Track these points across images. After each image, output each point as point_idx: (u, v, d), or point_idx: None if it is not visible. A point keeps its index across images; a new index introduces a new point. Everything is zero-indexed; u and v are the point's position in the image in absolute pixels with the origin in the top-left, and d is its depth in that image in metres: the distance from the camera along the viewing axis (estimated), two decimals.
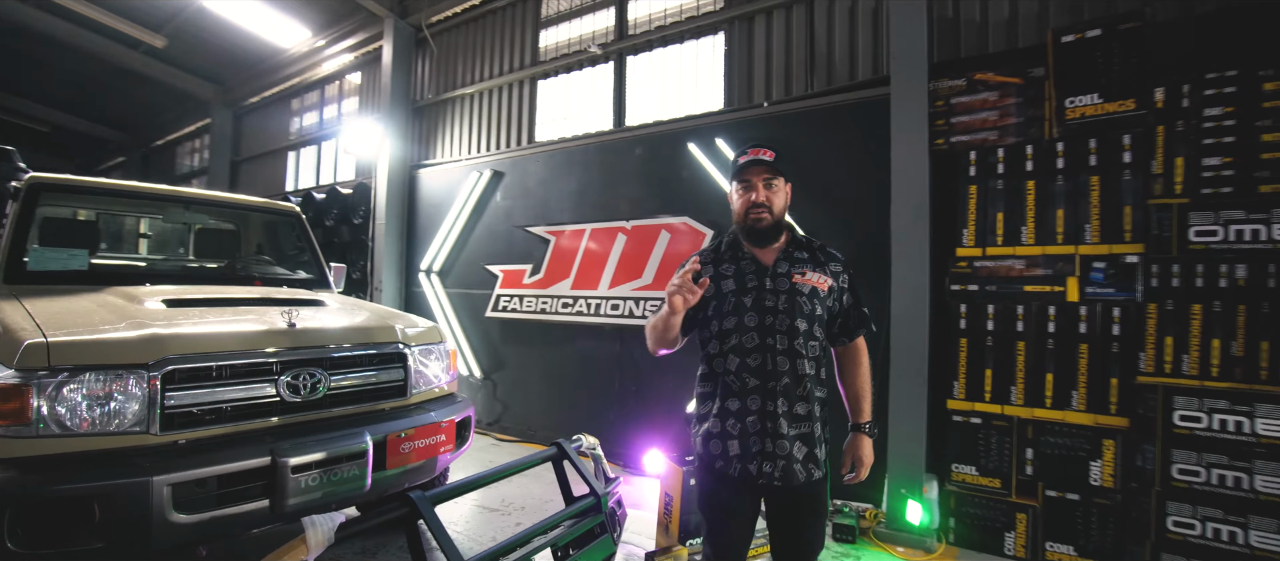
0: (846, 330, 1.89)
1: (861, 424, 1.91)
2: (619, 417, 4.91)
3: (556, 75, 5.81)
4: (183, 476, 2.03)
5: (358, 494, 2.48)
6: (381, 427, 2.60)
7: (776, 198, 1.82)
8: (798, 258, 1.85)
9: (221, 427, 2.28)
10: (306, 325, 2.67)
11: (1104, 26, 3.05)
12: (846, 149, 4.02)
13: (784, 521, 1.84)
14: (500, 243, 5.87)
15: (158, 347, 2.18)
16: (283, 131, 9.27)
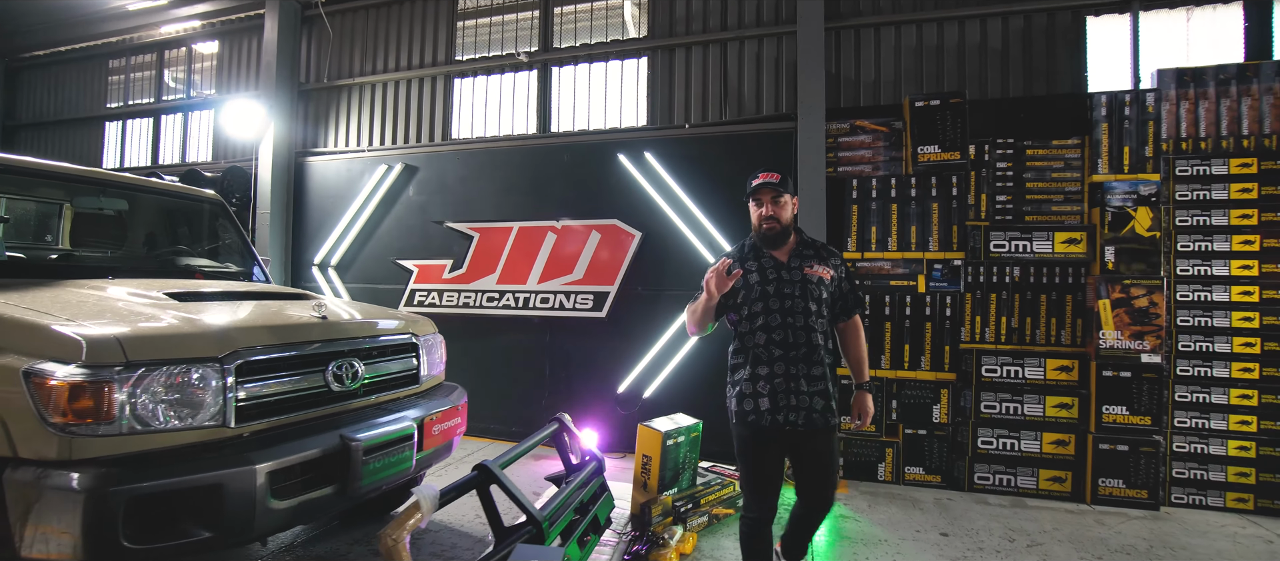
0: (846, 310, 2.45)
1: (863, 383, 2.46)
2: (551, 403, 5.31)
3: (475, 76, 5.95)
4: (277, 464, 2.13)
5: (406, 474, 2.69)
6: (416, 413, 2.81)
7: (783, 210, 2.34)
8: (806, 254, 2.37)
9: (284, 417, 2.36)
10: (334, 317, 2.76)
11: (940, 99, 4.29)
12: (753, 170, 4.91)
13: (809, 459, 2.32)
14: (414, 237, 5.84)
15: (227, 341, 2.21)
16: (94, 98, 7.79)
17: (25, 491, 1.82)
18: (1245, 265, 3.93)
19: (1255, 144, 3.97)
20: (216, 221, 3.99)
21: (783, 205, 2.34)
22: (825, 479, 2.33)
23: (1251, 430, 3.88)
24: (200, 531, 1.96)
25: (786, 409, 2.23)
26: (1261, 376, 3.89)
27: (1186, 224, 4.01)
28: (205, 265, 3.73)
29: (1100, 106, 4.13)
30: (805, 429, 2.23)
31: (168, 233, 3.88)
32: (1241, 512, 3.87)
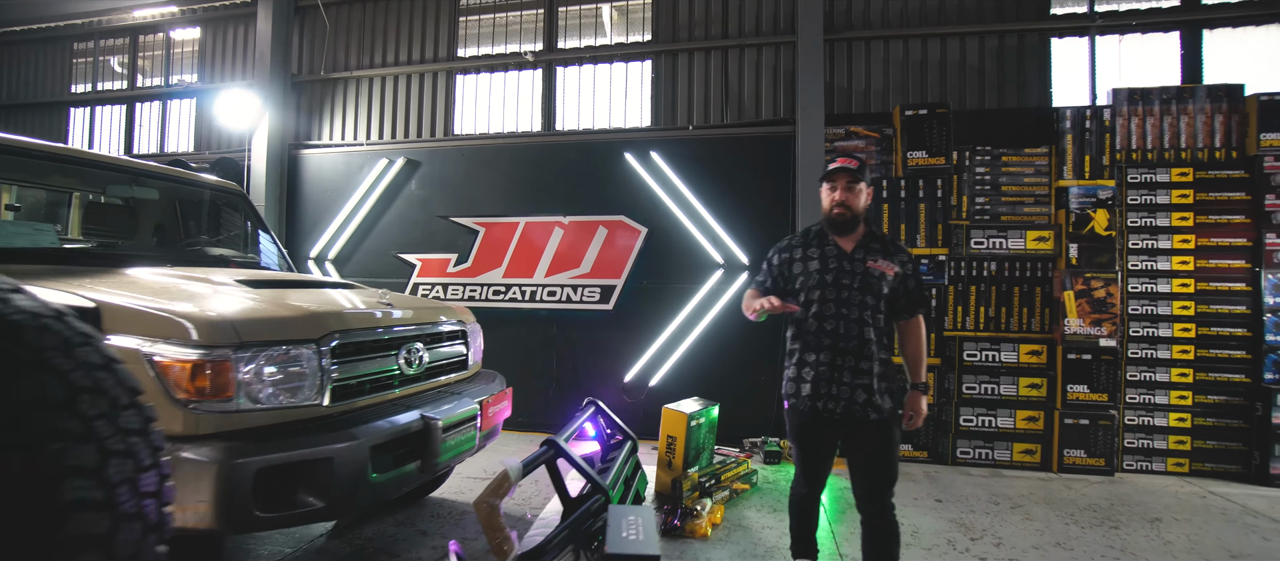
0: (908, 308, 2.33)
1: (918, 383, 2.35)
2: (557, 393, 5.49)
3: (478, 73, 6.05)
4: (378, 439, 2.28)
5: (471, 451, 2.86)
6: (477, 395, 2.97)
7: (856, 198, 2.26)
8: (872, 247, 2.29)
9: (368, 398, 2.49)
10: (399, 306, 2.89)
11: (928, 108, 4.72)
12: (754, 171, 5.25)
13: (857, 453, 2.30)
14: (417, 232, 5.90)
15: (322, 324, 2.34)
16: (57, 82, 7.42)
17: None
18: (1183, 261, 4.51)
19: (1192, 156, 4.56)
20: (238, 213, 4.00)
21: (857, 193, 2.26)
22: (873, 475, 2.27)
23: (1188, 404, 4.47)
24: (314, 501, 2.10)
25: (826, 397, 2.23)
26: (1196, 357, 4.48)
27: (1136, 224, 4.57)
28: (232, 255, 3.75)
29: (1065, 119, 4.65)
30: (843, 419, 2.22)
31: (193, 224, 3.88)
32: (1180, 475, 4.45)
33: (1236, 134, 4.53)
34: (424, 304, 3.19)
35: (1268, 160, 4.38)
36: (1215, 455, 4.43)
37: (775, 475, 4.36)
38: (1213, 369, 4.46)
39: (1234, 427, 4.42)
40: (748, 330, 5.14)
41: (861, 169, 2.28)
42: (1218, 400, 4.44)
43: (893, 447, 2.26)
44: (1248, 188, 4.46)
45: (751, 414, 4.97)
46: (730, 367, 5.11)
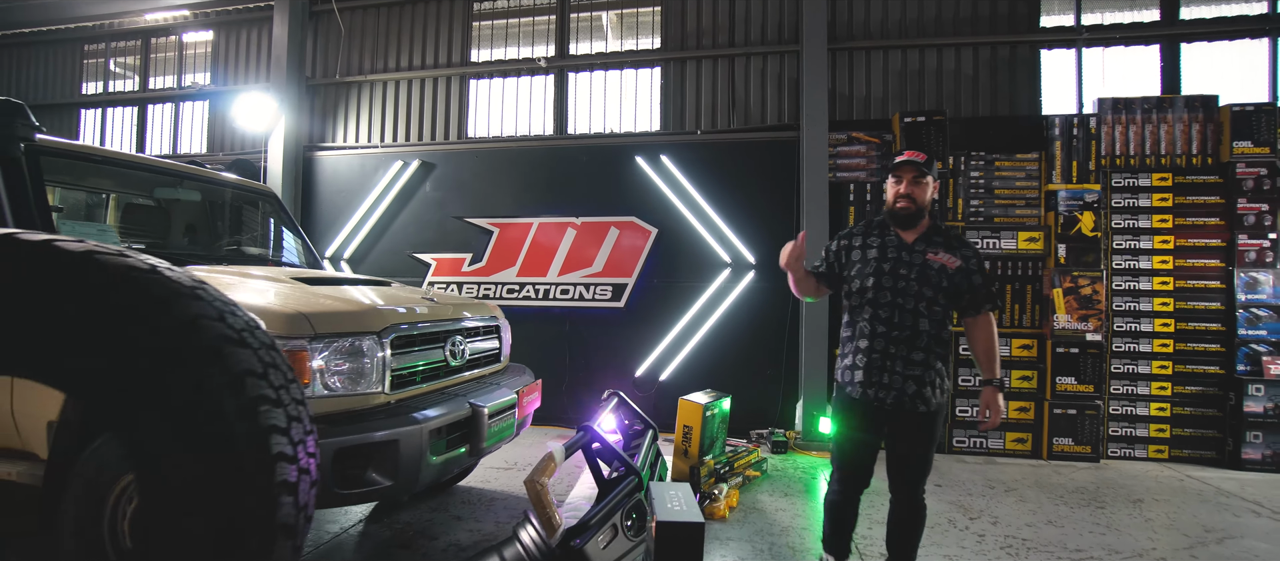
0: (973, 305, 2.29)
1: (990, 379, 2.30)
2: (569, 388, 5.69)
3: (491, 78, 6.23)
4: (436, 424, 2.47)
5: (510, 438, 3.06)
6: (514, 385, 3.18)
7: (922, 191, 2.24)
8: (934, 240, 2.27)
9: (421, 387, 2.69)
10: (442, 301, 3.09)
11: (925, 116, 4.98)
12: (760, 174, 5.48)
13: (896, 444, 2.32)
14: (431, 232, 6.08)
15: (381, 318, 2.53)
16: (67, 83, 7.49)
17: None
18: (1163, 261, 4.81)
19: (1171, 162, 4.86)
20: (269, 214, 4.17)
21: (923, 186, 2.25)
22: (911, 467, 2.30)
23: (1167, 394, 4.77)
24: (382, 480, 2.29)
25: (877, 385, 2.24)
26: (1175, 351, 4.78)
27: (1120, 226, 4.86)
28: (266, 254, 3.92)
29: (1054, 126, 4.93)
30: (893, 408, 2.23)
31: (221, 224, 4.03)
32: (1160, 461, 4.75)
33: (1212, 142, 4.84)
34: (463, 301, 3.38)
35: (1240, 166, 4.69)
36: (1193, 442, 4.74)
37: (783, 464, 4.59)
38: (1190, 361, 4.76)
39: (1210, 416, 4.72)
40: (754, 327, 5.39)
41: (929, 162, 2.26)
42: (1195, 390, 4.75)
43: (934, 442, 2.29)
44: (1222, 192, 4.77)
45: (758, 407, 5.21)
46: (737, 363, 5.35)
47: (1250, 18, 5.07)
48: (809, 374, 5.01)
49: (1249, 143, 4.70)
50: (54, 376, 1.00)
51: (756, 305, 5.37)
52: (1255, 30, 5.06)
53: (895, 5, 5.38)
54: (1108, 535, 3.29)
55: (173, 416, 1.00)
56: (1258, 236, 4.65)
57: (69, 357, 0.95)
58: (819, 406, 4.95)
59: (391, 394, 2.52)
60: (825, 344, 5.00)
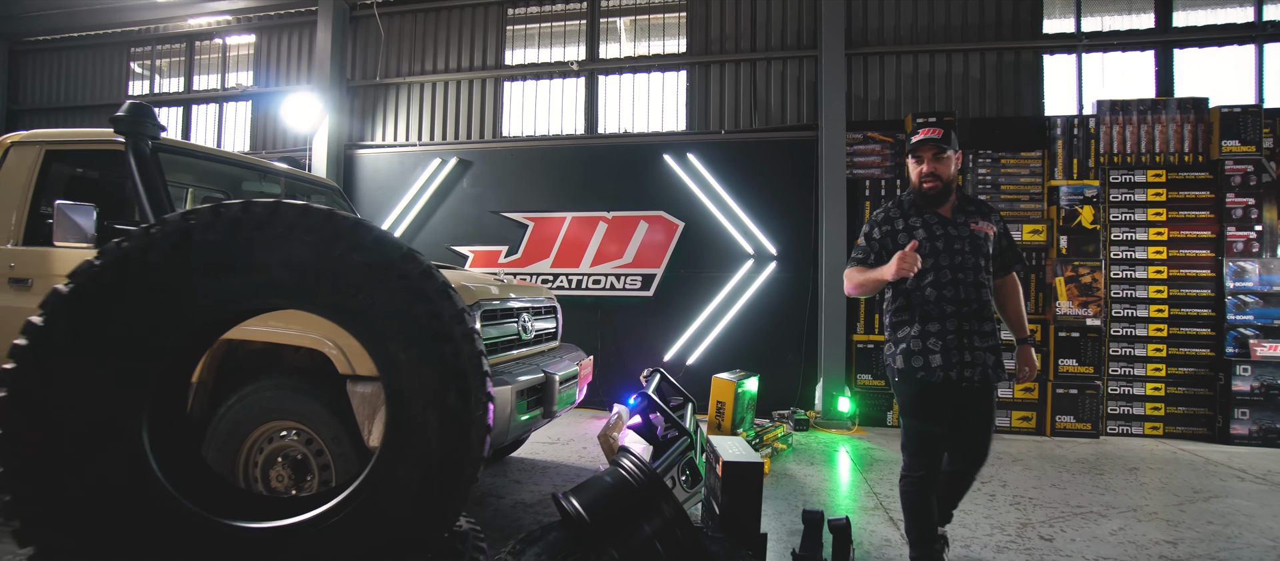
0: (1005, 266, 2.38)
1: (1025, 337, 2.44)
2: (602, 373, 6.04)
3: (524, 80, 6.59)
4: (523, 386, 2.83)
5: (572, 404, 3.43)
6: (574, 359, 3.54)
7: (945, 166, 2.23)
8: (969, 210, 2.30)
9: (500, 356, 3.05)
10: (510, 284, 3.45)
11: (936, 116, 5.35)
12: (780, 171, 5.85)
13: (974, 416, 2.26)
14: (468, 226, 6.44)
15: (471, 295, 2.89)
16: (113, 85, 7.84)
17: (369, 399, 2.46)
18: (1158, 251, 5.18)
19: (1165, 160, 5.24)
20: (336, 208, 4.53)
21: (945, 161, 2.23)
22: (986, 434, 2.31)
23: (1161, 375, 5.14)
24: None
25: (960, 365, 2.18)
26: (1168, 334, 5.15)
27: (1118, 219, 5.24)
28: None
29: (1056, 126, 5.30)
30: (981, 384, 2.20)
31: None
32: (1155, 437, 5.13)
33: (1202, 141, 5.21)
34: (525, 285, 3.75)
35: (1228, 164, 5.07)
36: (1185, 419, 5.11)
37: (806, 439, 4.96)
38: (1183, 344, 5.14)
39: (1201, 395, 5.10)
40: (776, 314, 5.76)
41: (948, 136, 2.23)
42: (1187, 371, 5.12)
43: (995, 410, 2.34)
44: (1211, 187, 5.14)
45: (779, 389, 5.58)
46: (760, 348, 5.71)
47: (1238, 25, 5.45)
48: (828, 357, 5.37)
49: (1237, 141, 5.07)
50: (346, 312, 1.36)
51: (778, 294, 5.74)
52: (1243, 37, 5.44)
53: (908, 13, 5.76)
54: (1106, 495, 3.66)
55: (421, 338, 1.36)
56: (1244, 228, 5.02)
57: (358, 297, 1.32)
58: (837, 387, 5.32)
59: None
60: (843, 329, 5.37)
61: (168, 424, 1.34)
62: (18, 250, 3.01)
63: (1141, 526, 3.13)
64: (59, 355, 1.14)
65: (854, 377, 5.46)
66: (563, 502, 1.87)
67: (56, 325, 1.13)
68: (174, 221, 1.22)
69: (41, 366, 1.12)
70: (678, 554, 1.82)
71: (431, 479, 1.34)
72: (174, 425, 1.39)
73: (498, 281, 3.43)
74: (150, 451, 1.22)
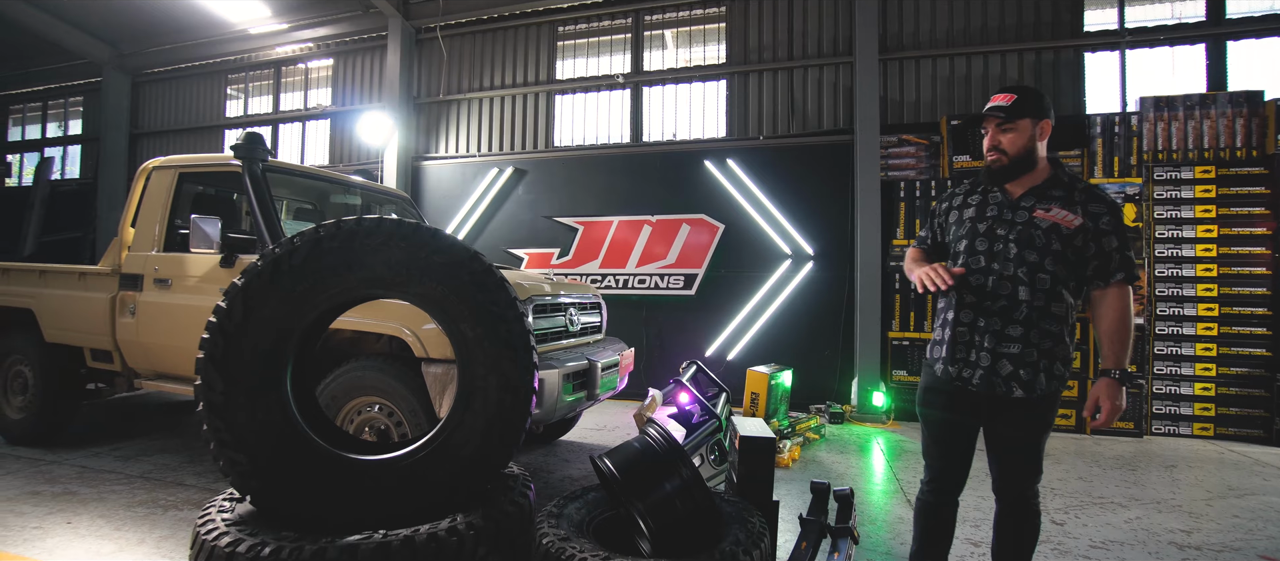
0: (1100, 273, 1.86)
1: (1106, 369, 1.85)
2: (646, 366, 6.43)
3: (574, 93, 7.06)
4: (567, 370, 3.24)
5: (614, 390, 3.81)
6: (616, 349, 3.92)
7: (1012, 139, 1.90)
8: (1051, 194, 1.89)
9: (548, 346, 3.47)
10: (559, 283, 3.87)
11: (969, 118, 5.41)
12: (817, 174, 6.06)
13: (995, 437, 1.98)
14: (523, 230, 6.95)
15: (525, 291, 3.32)
16: (214, 109, 8.84)
17: (440, 378, 2.92)
18: (1207, 248, 5.10)
19: (1214, 156, 5.14)
20: (405, 214, 5.08)
21: (1014, 132, 1.91)
22: (1011, 466, 1.97)
23: (1212, 374, 5.06)
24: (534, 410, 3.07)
25: (961, 363, 1.94)
26: (1219, 334, 5.06)
27: (1163, 216, 5.18)
28: None
29: (1096, 125, 5.29)
30: (981, 391, 1.91)
31: None
32: (1205, 438, 5.04)
33: (1256, 135, 5.09)
34: (573, 283, 4.17)
35: None
36: (1238, 420, 5.01)
37: (840, 431, 5.17)
38: (1235, 344, 5.03)
39: (1255, 396, 4.98)
40: (813, 311, 5.98)
41: (1019, 103, 1.90)
42: (1240, 372, 5.01)
43: (1040, 437, 1.95)
44: (1267, 183, 5.02)
45: (816, 384, 5.79)
46: (797, 344, 5.95)
47: None
48: (863, 352, 5.55)
49: None
50: (429, 300, 1.77)
51: (815, 292, 5.96)
52: None
53: (944, 16, 5.86)
54: (1132, 489, 3.73)
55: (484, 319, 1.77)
56: None
57: (438, 288, 1.73)
58: (872, 382, 5.49)
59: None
60: (878, 326, 5.54)
61: (301, 381, 1.80)
62: (161, 256, 3.67)
63: (1160, 517, 3.23)
64: (236, 328, 1.60)
65: (889, 373, 5.61)
66: (598, 462, 2.24)
67: (235, 308, 1.60)
68: (309, 235, 1.67)
69: (225, 335, 1.59)
70: (693, 509, 2.16)
71: (491, 426, 1.74)
72: (304, 382, 1.86)
73: (549, 280, 3.86)
74: (291, 398, 1.69)
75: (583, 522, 2.23)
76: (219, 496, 1.67)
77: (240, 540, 1.40)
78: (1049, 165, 1.97)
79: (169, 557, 2.46)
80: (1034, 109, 1.92)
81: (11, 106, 10.32)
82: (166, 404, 5.62)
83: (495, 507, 1.65)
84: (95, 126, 9.36)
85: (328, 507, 1.60)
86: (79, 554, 2.48)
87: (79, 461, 3.77)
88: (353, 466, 1.70)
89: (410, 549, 1.43)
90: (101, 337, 3.79)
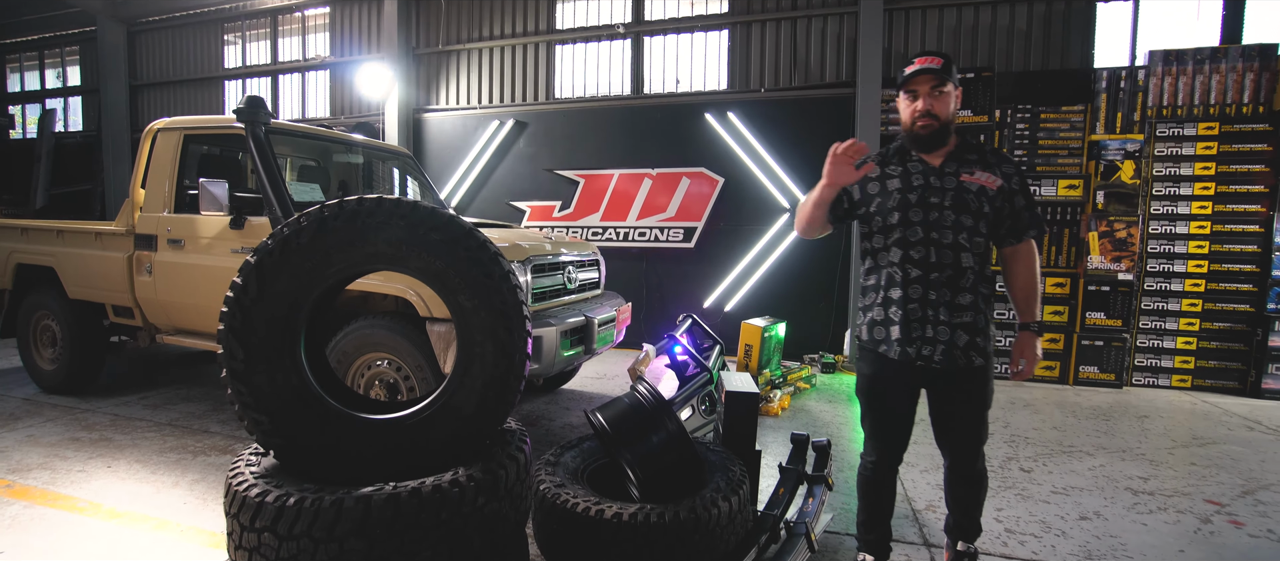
0: (1014, 231, 1.92)
1: (1028, 323, 1.94)
2: (645, 318, 6.61)
3: (574, 43, 6.96)
4: (564, 327, 3.40)
5: (610, 344, 3.99)
6: (614, 305, 4.08)
7: (943, 104, 1.85)
8: (968, 159, 1.90)
9: (547, 303, 3.62)
10: (558, 240, 3.99)
11: (974, 72, 5.37)
12: (817, 128, 6.04)
13: (948, 405, 1.96)
14: (525, 183, 7.01)
15: (522, 251, 3.44)
16: (212, 59, 8.77)
17: (443, 336, 3.09)
18: (1202, 206, 5.13)
19: (1219, 112, 5.10)
20: (407, 171, 5.16)
21: (945, 97, 1.87)
22: (966, 431, 1.98)
23: (1195, 329, 5.18)
24: (533, 364, 3.25)
25: (920, 340, 1.90)
26: (1206, 290, 5.15)
27: (1161, 173, 5.18)
28: None
29: (1102, 79, 5.23)
30: (943, 366, 1.88)
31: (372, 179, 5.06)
32: (1183, 389, 5.22)
33: (1264, 90, 5.02)
34: (571, 240, 4.28)
35: None
36: (1216, 373, 5.17)
37: (831, 381, 5.38)
38: (1221, 300, 5.13)
39: (1235, 350, 5.12)
40: (809, 264, 6.09)
41: (947, 68, 1.85)
42: (1223, 327, 5.13)
43: (987, 402, 1.96)
44: (1270, 139, 4.99)
45: (811, 335, 5.97)
46: (793, 296, 6.09)
47: None
48: (857, 304, 5.69)
49: None
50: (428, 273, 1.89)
51: (811, 246, 6.04)
52: None
53: None
54: (1102, 438, 3.93)
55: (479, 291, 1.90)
56: None
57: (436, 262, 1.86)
58: None
59: (532, 306, 3.46)
60: None
61: (313, 346, 1.96)
62: (173, 217, 3.80)
63: (1122, 464, 3.43)
64: (252, 302, 1.75)
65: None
66: (591, 416, 2.42)
67: (249, 282, 1.74)
68: (315, 214, 1.78)
69: (242, 308, 1.73)
70: (677, 460, 2.35)
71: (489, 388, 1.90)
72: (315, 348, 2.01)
73: (549, 238, 3.98)
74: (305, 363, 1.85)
75: (578, 470, 2.44)
76: (246, 451, 1.85)
77: (268, 491, 1.58)
78: (954, 133, 1.96)
79: (201, 499, 2.71)
80: (955, 75, 1.90)
81: (9, 56, 10.26)
82: (187, 354, 5.88)
83: (493, 461, 1.82)
84: (94, 77, 9.32)
85: (342, 461, 1.78)
86: (122, 495, 2.73)
87: (110, 409, 4.03)
88: (364, 424, 1.87)
89: (417, 499, 1.60)
90: (121, 295, 3.98)
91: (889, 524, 2.21)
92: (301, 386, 1.80)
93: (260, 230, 3.52)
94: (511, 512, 1.88)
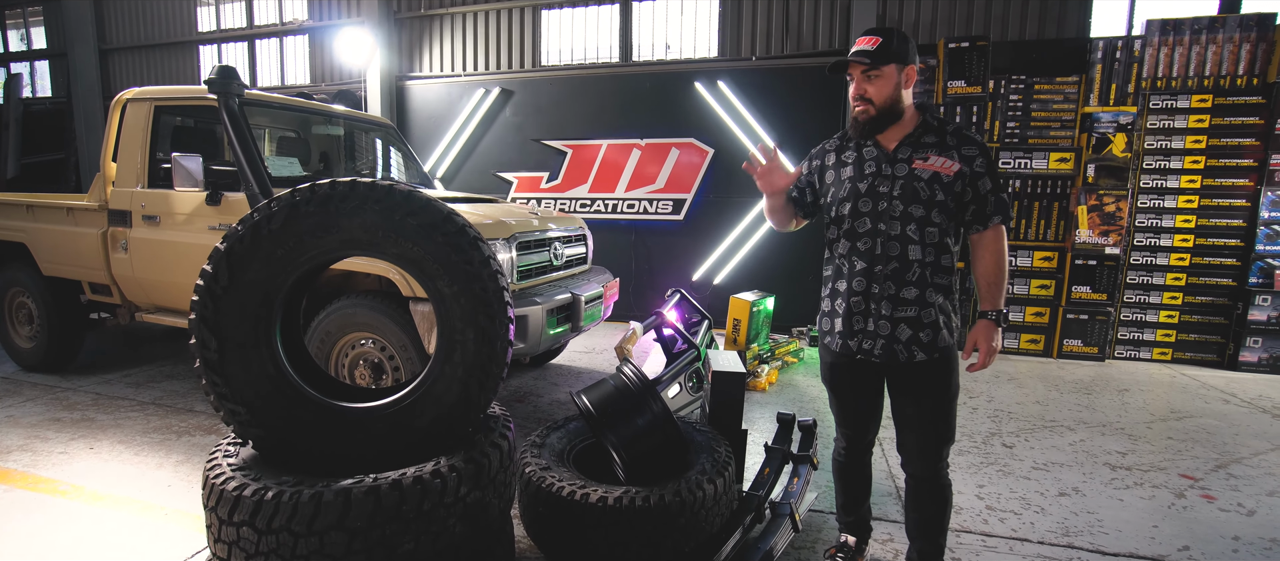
0: (979, 216, 1.80)
1: (986, 311, 1.81)
2: (635, 290, 6.59)
3: (561, 8, 6.75)
4: (551, 305, 3.37)
5: (597, 320, 3.97)
6: (600, 281, 4.04)
7: (877, 87, 1.77)
8: (924, 142, 1.80)
9: (533, 280, 3.58)
10: (545, 216, 3.92)
11: (969, 41, 5.28)
12: (809, 97, 5.94)
13: (902, 403, 1.90)
14: (512, 153, 6.88)
15: (507, 228, 3.38)
16: (185, 23, 8.44)
17: (426, 316, 3.05)
18: (1191, 180, 5.12)
19: (1214, 84, 5.05)
20: (389, 143, 5.03)
21: (879, 80, 1.77)
22: (921, 433, 1.89)
23: (1177, 303, 5.24)
24: (519, 343, 3.23)
25: (861, 334, 1.86)
26: (1191, 264, 5.19)
27: (1152, 147, 5.16)
28: (398, 180, 4.82)
29: (1097, 49, 5.15)
30: (883, 361, 1.84)
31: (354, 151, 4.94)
32: (1162, 362, 5.30)
33: (1260, 62, 4.97)
34: (558, 215, 4.21)
35: None
36: (1196, 346, 5.24)
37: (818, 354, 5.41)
38: (1204, 274, 5.17)
39: (1216, 324, 5.19)
40: (798, 237, 6.05)
41: (884, 49, 1.75)
42: (1205, 301, 5.19)
43: (949, 399, 1.86)
44: (1262, 112, 4.97)
45: (799, 308, 5.98)
46: (782, 269, 6.08)
47: None
48: None
49: None
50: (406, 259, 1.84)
51: None
52: None
53: None
54: (1083, 412, 3.99)
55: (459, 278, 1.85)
56: None
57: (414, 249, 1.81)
58: None
59: (518, 284, 3.42)
60: None
61: (289, 334, 1.91)
62: (147, 193, 3.69)
63: (1102, 439, 3.49)
64: (222, 290, 1.70)
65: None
66: (577, 398, 2.41)
67: (219, 270, 1.68)
68: (286, 199, 1.72)
69: (213, 297, 1.68)
70: (662, 441, 2.35)
71: (470, 375, 1.87)
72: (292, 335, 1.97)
73: (536, 214, 3.91)
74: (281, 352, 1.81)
75: (563, 452, 2.43)
76: (225, 440, 1.82)
77: (245, 485, 1.56)
78: (917, 112, 1.85)
79: (186, 481, 2.69)
80: (899, 54, 1.77)
81: None
82: (170, 330, 5.80)
83: (476, 449, 1.81)
84: (61, 41, 8.96)
85: (322, 452, 1.76)
86: (106, 477, 2.71)
87: (92, 388, 3.98)
88: (343, 414, 1.84)
89: (398, 491, 1.59)
90: (97, 272, 3.89)
91: (867, 504, 2.23)
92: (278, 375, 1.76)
93: (237, 206, 3.43)
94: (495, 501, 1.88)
